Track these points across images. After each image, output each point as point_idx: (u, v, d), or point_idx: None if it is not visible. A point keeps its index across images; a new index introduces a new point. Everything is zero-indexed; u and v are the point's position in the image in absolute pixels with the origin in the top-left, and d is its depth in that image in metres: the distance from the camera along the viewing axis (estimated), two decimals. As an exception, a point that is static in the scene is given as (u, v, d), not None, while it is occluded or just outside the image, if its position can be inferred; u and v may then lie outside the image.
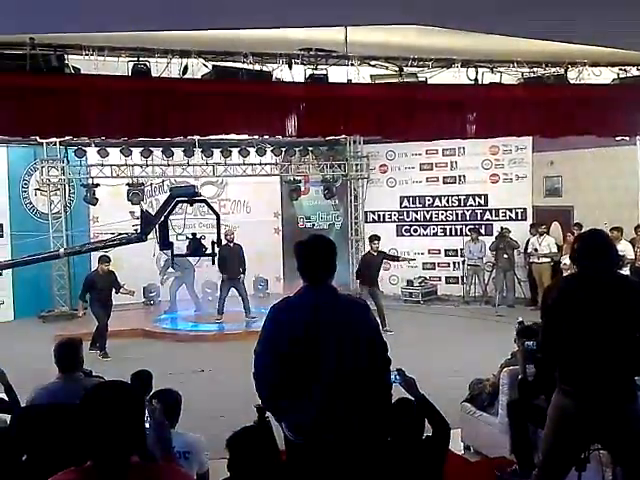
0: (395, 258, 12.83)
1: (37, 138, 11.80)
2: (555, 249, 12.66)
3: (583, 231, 4.16)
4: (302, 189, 14.84)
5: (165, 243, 9.69)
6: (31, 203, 13.65)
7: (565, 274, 10.79)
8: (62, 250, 11.04)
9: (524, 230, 13.45)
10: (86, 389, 2.16)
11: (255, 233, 13.81)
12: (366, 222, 15.14)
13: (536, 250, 12.79)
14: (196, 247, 10.29)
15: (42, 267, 11.99)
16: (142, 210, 10.57)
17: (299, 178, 14.72)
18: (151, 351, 10.20)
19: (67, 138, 11.70)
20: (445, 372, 8.35)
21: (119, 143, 12.44)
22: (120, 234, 9.94)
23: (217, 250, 10.60)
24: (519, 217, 13.93)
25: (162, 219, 9.57)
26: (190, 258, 12.38)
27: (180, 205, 10.49)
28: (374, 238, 11.83)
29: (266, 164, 14.45)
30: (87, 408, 2.09)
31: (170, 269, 13.13)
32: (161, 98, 7.68)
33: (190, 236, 10.46)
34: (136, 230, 9.72)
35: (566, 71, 9.06)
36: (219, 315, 11.97)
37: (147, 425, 3.41)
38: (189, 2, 5.13)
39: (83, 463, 2.06)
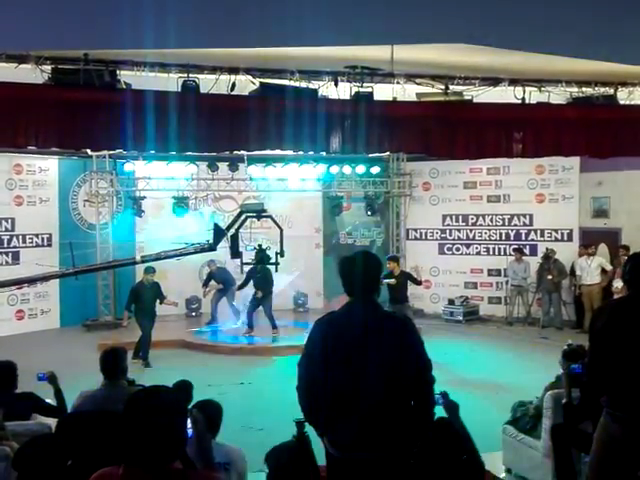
0: (417, 282, 11.48)
1: (88, 151, 12.11)
2: (609, 268, 12.37)
3: (634, 252, 4.03)
4: (344, 205, 14.88)
5: (236, 252, 10.70)
6: (79, 214, 13.99)
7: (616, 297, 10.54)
8: (139, 257, 11.34)
9: (570, 251, 13.20)
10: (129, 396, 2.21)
11: (296, 248, 13.86)
12: (408, 239, 15.09)
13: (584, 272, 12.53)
14: (262, 257, 11.36)
15: (87, 277, 12.13)
16: (215, 223, 11.17)
17: (341, 194, 14.76)
18: (191, 362, 10.30)
19: (117, 151, 11.98)
20: (487, 393, 8.22)
21: (166, 156, 12.68)
22: (193, 244, 10.55)
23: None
24: (565, 238, 13.68)
25: (233, 232, 10.57)
26: (232, 272, 13.24)
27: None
28: (392, 259, 11.25)
29: (308, 179, 14.55)
30: (131, 413, 2.13)
31: (212, 282, 13.30)
32: (209, 114, 7.81)
33: (257, 247, 11.48)
34: (208, 240, 10.40)
35: (616, 91, 8.90)
36: (249, 328, 12.12)
37: (189, 434, 3.46)
38: (239, 21, 5.23)
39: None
